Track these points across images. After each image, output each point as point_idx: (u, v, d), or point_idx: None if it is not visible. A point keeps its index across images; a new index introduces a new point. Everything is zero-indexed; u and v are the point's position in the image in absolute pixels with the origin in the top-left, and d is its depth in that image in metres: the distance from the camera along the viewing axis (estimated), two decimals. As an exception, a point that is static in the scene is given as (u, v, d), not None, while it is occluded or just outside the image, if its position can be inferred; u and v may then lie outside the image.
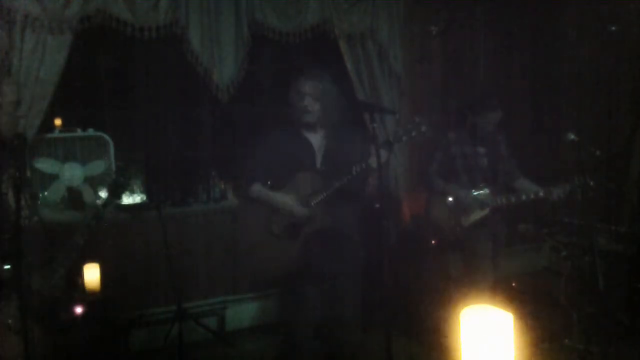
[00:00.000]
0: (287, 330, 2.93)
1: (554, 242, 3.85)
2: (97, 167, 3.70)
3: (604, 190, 4.08)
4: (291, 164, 2.74)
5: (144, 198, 4.14)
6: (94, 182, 3.69)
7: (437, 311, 3.60)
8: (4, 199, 2.18)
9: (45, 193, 3.51)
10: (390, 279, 3.62)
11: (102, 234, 3.21)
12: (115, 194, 2.59)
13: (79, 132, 3.65)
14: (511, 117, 3.68)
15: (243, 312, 4.14)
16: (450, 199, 3.48)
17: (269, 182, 2.82)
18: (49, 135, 3.58)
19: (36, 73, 3.27)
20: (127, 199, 4.03)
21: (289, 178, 2.73)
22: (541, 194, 3.42)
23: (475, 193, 3.48)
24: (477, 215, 3.47)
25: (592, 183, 3.28)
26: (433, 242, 3.71)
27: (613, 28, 4.43)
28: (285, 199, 2.71)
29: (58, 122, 3.70)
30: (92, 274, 3.12)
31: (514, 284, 3.71)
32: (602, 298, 3.24)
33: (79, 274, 2.66)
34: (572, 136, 3.32)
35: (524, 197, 3.45)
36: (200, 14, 3.75)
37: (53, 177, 3.58)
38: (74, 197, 3.48)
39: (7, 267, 2.11)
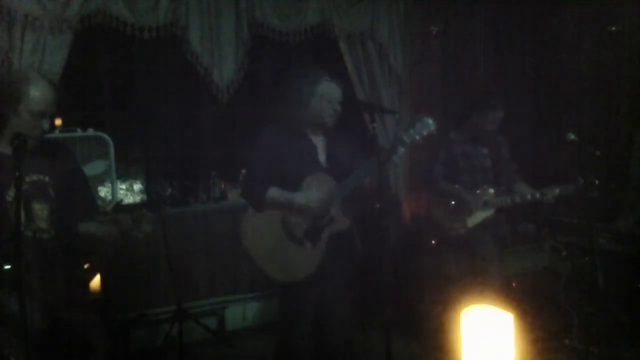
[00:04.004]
0: (284, 330, 2.92)
1: (554, 242, 3.84)
2: (97, 167, 3.70)
3: (604, 190, 4.08)
4: (297, 166, 2.71)
5: (144, 198, 4.13)
6: (94, 183, 3.69)
7: (437, 311, 3.61)
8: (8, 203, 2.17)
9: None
10: (390, 278, 3.63)
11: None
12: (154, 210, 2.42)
13: (79, 132, 3.64)
14: (511, 117, 3.68)
15: (243, 312, 4.14)
16: (453, 202, 3.47)
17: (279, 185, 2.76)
18: (49, 136, 3.57)
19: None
20: (127, 199, 4.03)
21: (298, 180, 2.70)
22: (537, 195, 3.42)
23: (478, 193, 3.47)
24: (481, 215, 3.46)
25: (597, 182, 3.27)
26: (433, 242, 3.70)
27: (613, 28, 4.42)
28: (308, 200, 2.63)
29: (58, 122, 3.70)
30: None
31: (514, 284, 3.71)
32: (602, 298, 3.24)
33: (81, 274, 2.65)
34: (572, 136, 3.32)
35: (529, 197, 3.44)
36: (200, 14, 3.75)
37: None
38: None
39: (7, 267, 2.11)
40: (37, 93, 2.18)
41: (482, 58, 4.88)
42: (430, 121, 2.59)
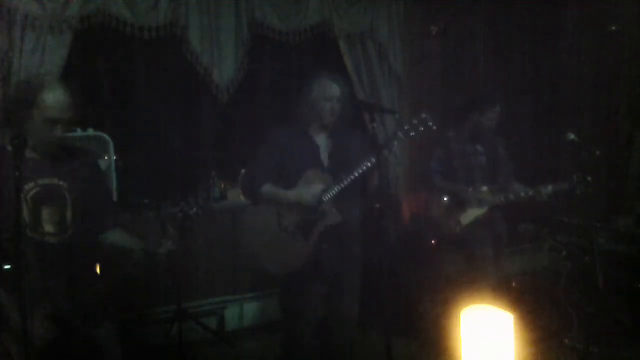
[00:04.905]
0: (288, 329, 2.93)
1: (554, 242, 3.84)
2: (97, 167, 3.69)
3: (604, 190, 4.09)
4: (299, 164, 2.75)
5: (144, 198, 4.12)
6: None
7: (437, 311, 3.60)
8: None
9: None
10: (390, 278, 3.63)
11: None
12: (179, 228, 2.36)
13: (79, 132, 3.64)
14: (510, 117, 3.69)
15: (243, 312, 4.13)
16: (446, 198, 3.49)
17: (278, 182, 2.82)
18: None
19: (36, 73, 3.26)
20: (126, 200, 4.01)
21: (297, 177, 2.74)
22: (531, 193, 3.44)
23: (472, 191, 3.48)
24: (475, 214, 3.47)
25: (590, 179, 3.29)
26: (433, 242, 3.71)
27: (613, 28, 4.43)
28: (299, 197, 2.70)
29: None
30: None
31: (514, 284, 3.71)
32: (602, 298, 3.24)
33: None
34: (572, 136, 3.33)
35: (522, 195, 3.45)
36: (200, 14, 3.75)
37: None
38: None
39: (7, 267, 2.11)
40: (53, 99, 2.16)
41: (482, 58, 4.88)
42: (428, 119, 2.60)
